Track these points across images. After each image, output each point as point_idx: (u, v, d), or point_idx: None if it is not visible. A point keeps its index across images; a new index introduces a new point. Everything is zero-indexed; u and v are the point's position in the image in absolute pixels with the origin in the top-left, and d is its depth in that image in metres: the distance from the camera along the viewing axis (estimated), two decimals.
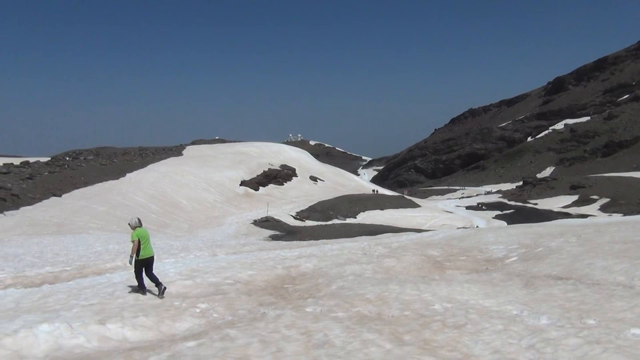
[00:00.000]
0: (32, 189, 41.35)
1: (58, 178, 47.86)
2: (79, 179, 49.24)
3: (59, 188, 43.70)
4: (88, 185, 47.60)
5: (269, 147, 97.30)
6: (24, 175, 45.60)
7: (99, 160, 63.65)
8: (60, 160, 60.46)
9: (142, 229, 10.55)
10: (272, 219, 49.37)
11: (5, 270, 14.78)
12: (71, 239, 25.65)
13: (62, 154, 68.83)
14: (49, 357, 6.79)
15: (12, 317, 8.23)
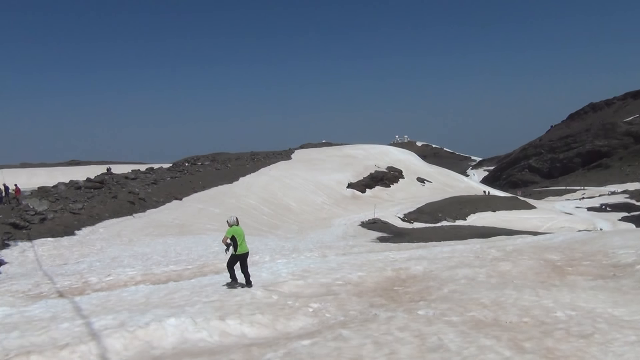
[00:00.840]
0: (157, 193, 44.62)
1: (179, 183, 51.24)
2: (197, 183, 52.35)
3: (180, 192, 46.77)
4: (205, 189, 50.48)
5: (375, 149, 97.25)
6: (149, 180, 49.34)
7: (214, 165, 67.29)
8: (181, 166, 64.71)
9: (238, 227, 11.53)
10: (379, 220, 49.27)
11: (136, 268, 16.08)
12: (191, 240, 27.32)
13: (182, 160, 73.68)
14: (176, 349, 7.28)
15: (143, 311, 8.95)
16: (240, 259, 11.27)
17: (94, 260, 20.71)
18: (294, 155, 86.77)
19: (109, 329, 7.90)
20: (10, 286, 14.20)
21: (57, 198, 35.93)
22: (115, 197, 38.83)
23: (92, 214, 33.51)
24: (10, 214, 31.41)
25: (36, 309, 10.06)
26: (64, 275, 15.87)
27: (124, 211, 36.57)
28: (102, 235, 29.09)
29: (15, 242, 25.17)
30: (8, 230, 27.10)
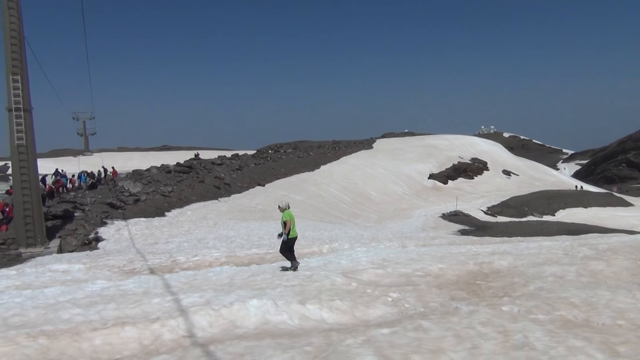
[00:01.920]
0: (241, 179, 46.02)
1: (262, 169, 52.55)
2: (280, 170, 53.45)
3: (263, 178, 47.97)
4: (287, 176, 51.45)
5: (459, 139, 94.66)
6: (234, 166, 50.95)
7: (296, 153, 68.36)
8: (264, 153, 66.28)
9: (290, 211, 11.90)
10: (461, 213, 48.08)
11: (220, 250, 16.71)
12: (273, 225, 27.95)
13: (266, 148, 75.41)
14: (258, 329, 7.51)
15: (228, 291, 9.29)
16: (292, 243, 11.69)
17: (182, 240, 21.75)
18: (375, 145, 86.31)
19: (195, 307, 8.28)
20: (107, 261, 15.22)
21: (149, 181, 37.98)
22: (202, 181, 40.49)
23: (180, 197, 35.14)
24: (108, 194, 33.64)
25: (130, 284, 10.73)
26: (155, 253, 16.78)
27: (210, 195, 38.06)
28: (189, 217, 30.47)
29: (112, 220, 26.93)
30: (106, 210, 29.04)
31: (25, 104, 20.75)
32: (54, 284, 11.67)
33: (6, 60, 20.32)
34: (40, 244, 21.10)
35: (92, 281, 11.50)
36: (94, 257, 16.56)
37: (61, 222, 25.25)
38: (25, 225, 21.00)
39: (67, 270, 13.62)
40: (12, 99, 20.49)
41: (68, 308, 8.69)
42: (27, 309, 8.80)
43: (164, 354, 6.53)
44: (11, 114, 20.64)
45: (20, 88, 20.47)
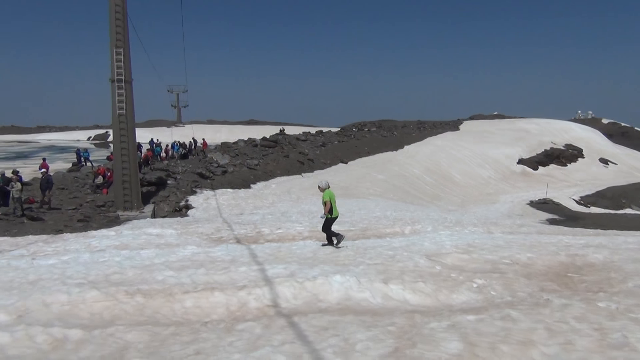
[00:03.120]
0: (324, 155, 46.37)
1: (345, 147, 52.63)
2: (363, 148, 53.29)
3: (346, 156, 48.06)
4: (370, 155, 51.22)
5: (552, 124, 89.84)
6: (318, 143, 51.38)
7: (380, 132, 67.83)
8: (348, 131, 66.28)
9: (330, 191, 12.00)
10: (550, 201, 45.80)
11: (303, 224, 16.97)
12: (354, 203, 28.03)
13: (350, 125, 75.40)
14: (340, 304, 7.58)
15: (311, 265, 9.44)
16: (333, 222, 11.82)
17: (266, 212, 22.32)
18: (462, 126, 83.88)
19: (280, 278, 8.48)
20: (196, 228, 15.92)
21: (236, 153, 39.17)
22: (287, 156, 41.21)
23: (266, 170, 35.99)
24: (198, 165, 35.08)
25: (218, 251, 11.17)
26: (241, 224, 17.34)
27: (293, 170, 38.70)
28: (273, 190, 31.17)
29: (201, 190, 28.09)
30: (195, 179, 30.32)
31: (127, 75, 21.91)
32: (149, 246, 12.39)
33: (111, 35, 21.52)
34: (136, 208, 22.42)
35: (183, 246, 12.10)
36: (185, 224, 17.38)
37: (155, 189, 26.68)
38: (123, 190, 22.37)
39: (161, 235, 14.40)
40: (114, 70, 21.71)
41: (162, 270, 9.19)
42: (126, 268, 9.41)
43: (250, 321, 6.76)
44: (113, 84, 21.90)
45: (122, 61, 21.63)
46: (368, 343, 5.52)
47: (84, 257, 10.60)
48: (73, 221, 18.71)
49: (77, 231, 16.45)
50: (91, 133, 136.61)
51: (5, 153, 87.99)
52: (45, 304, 7.23)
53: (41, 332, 6.14)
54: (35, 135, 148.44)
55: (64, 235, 15.11)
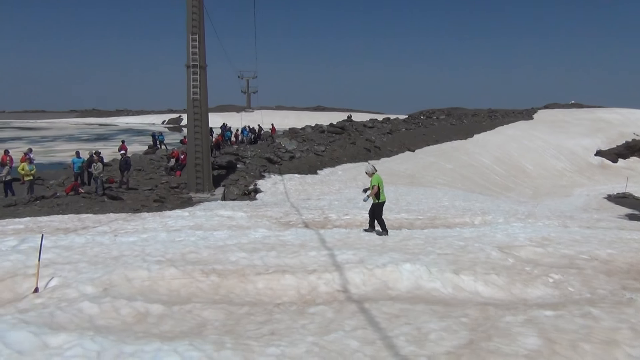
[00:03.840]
0: (391, 143, 45.94)
1: (413, 134, 51.91)
2: (430, 136, 52.36)
3: (413, 144, 47.40)
4: (438, 143, 50.25)
5: (636, 114, 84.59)
6: (385, 130, 50.96)
7: (449, 120, 66.36)
8: (416, 119, 65.33)
9: (378, 175, 11.89)
10: (630, 195, 43.25)
11: None
12: (421, 191, 27.67)
13: (417, 113, 74.23)
14: (410, 293, 7.53)
15: (381, 252, 9.42)
16: (382, 207, 11.82)
17: (332, 199, 22.44)
18: (536, 116, 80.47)
19: (349, 263, 8.53)
20: (265, 212, 16.24)
21: (304, 139, 39.51)
22: (353, 143, 41.15)
23: (332, 157, 36.12)
24: (266, 149, 35.68)
25: (288, 235, 11.36)
26: (308, 209, 17.53)
27: (360, 157, 38.61)
28: (340, 177, 31.26)
29: (269, 174, 28.60)
30: (264, 164, 30.88)
31: (201, 61, 22.52)
32: (222, 228, 12.78)
33: (187, 21, 22.14)
34: (208, 190, 23.13)
35: (254, 229, 12.39)
36: (254, 207, 17.77)
37: (225, 172, 27.40)
38: (196, 172, 23.12)
39: (232, 217, 14.81)
40: (190, 56, 22.36)
41: (235, 251, 9.46)
42: (201, 248, 9.76)
43: (321, 304, 6.85)
44: (189, 70, 22.56)
45: (197, 47, 22.23)
46: (441, 333, 5.47)
47: (162, 236, 11.07)
48: (149, 201, 19.55)
49: (153, 211, 17.20)
50: (165, 117, 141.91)
51: (87, 135, 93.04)
52: (128, 279, 7.62)
53: (125, 305, 6.48)
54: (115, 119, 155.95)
55: (141, 215, 15.84)
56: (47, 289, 7.30)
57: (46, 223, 13.87)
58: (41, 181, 23.10)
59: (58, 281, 7.55)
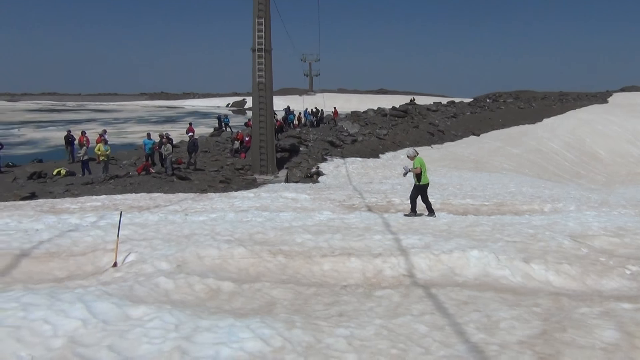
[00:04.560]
0: (455, 127, 44.97)
1: (478, 118, 50.55)
2: (497, 120, 50.82)
3: (478, 128, 46.20)
4: (504, 127, 48.72)
5: None
6: (449, 113, 49.88)
7: (517, 103, 64.05)
8: (481, 102, 63.51)
9: (421, 158, 12.22)
10: None
11: (434, 196, 16.67)
12: (486, 177, 26.99)
13: (483, 96, 72.10)
14: (478, 280, 7.41)
15: (447, 238, 9.30)
16: (424, 189, 12.11)
17: (395, 183, 22.29)
18: (611, 99, 76.37)
19: (415, 248, 8.48)
20: (328, 195, 16.36)
21: (366, 122, 39.32)
22: (416, 126, 40.59)
23: (394, 141, 35.80)
24: (328, 133, 35.79)
25: (353, 218, 11.42)
26: (371, 192, 17.51)
27: (423, 141, 38.07)
28: (402, 161, 30.92)
29: (331, 157, 28.71)
30: (326, 147, 31.01)
31: (267, 45, 22.79)
32: (287, 209, 12.99)
33: (254, 5, 22.40)
34: (271, 172, 23.54)
35: (319, 211, 12.52)
36: (317, 190, 17.94)
37: (288, 155, 27.76)
38: (260, 155, 23.56)
39: (296, 199, 15.01)
40: (256, 40, 22.65)
41: (300, 233, 9.62)
42: (267, 229, 9.97)
43: (387, 288, 6.87)
44: (254, 53, 22.90)
45: (263, 30, 22.49)
46: (513, 322, 5.36)
47: (230, 216, 11.40)
48: (216, 182, 20.13)
49: (220, 191, 17.71)
50: (230, 100, 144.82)
51: (155, 117, 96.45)
52: (199, 257, 7.92)
53: (198, 281, 6.75)
54: (182, 102, 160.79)
55: (209, 195, 16.34)
56: (125, 264, 7.71)
57: (121, 201, 14.57)
58: (114, 161, 24.22)
59: (135, 257, 7.95)
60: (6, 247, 8.39)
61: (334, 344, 4.84)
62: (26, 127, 69.73)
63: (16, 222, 10.56)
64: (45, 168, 21.55)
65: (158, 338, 4.74)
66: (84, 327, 4.92)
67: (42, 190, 17.10)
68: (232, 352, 4.52)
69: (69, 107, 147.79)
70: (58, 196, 16.03)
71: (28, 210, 12.87)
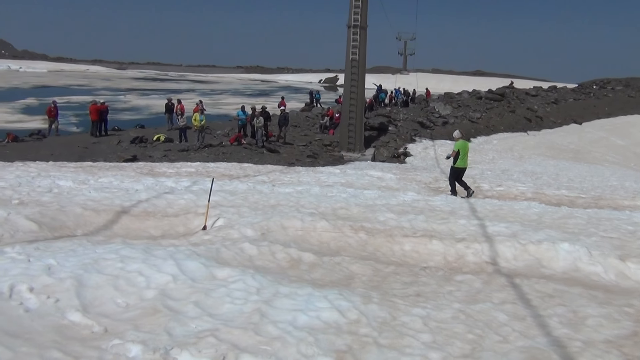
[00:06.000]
0: (555, 114, 42.63)
1: (581, 106, 47.56)
2: (602, 109, 47.58)
3: (580, 116, 43.52)
4: (610, 117, 45.59)
5: None
6: (550, 99, 47.29)
7: (627, 91, 59.39)
8: (587, 88, 59.53)
9: (464, 141, 12.80)
10: None
11: (526, 185, 16.04)
12: (585, 168, 25.47)
13: (590, 82, 67.49)
14: (566, 274, 7.08)
15: (536, 228, 8.92)
16: (459, 172, 12.64)
17: (485, 168, 21.60)
18: None
19: (501, 236, 8.22)
20: (414, 176, 16.17)
21: (459, 105, 38.20)
22: (513, 111, 38.88)
23: (488, 125, 34.57)
24: (419, 113, 35.16)
25: (437, 201, 11.23)
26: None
27: (518, 127, 36.48)
28: (494, 146, 29.90)
29: (420, 139, 28.25)
30: (415, 128, 30.54)
31: (363, 22, 22.62)
32: (372, 187, 13.01)
33: None
34: (358, 150, 23.58)
35: (404, 191, 12.43)
36: (403, 170, 17.78)
37: (376, 134, 27.62)
38: (349, 132, 23.63)
39: (382, 178, 14.98)
40: (352, 16, 22.54)
41: (383, 211, 9.61)
42: (351, 205, 10.06)
43: (468, 273, 6.74)
44: (349, 30, 22.82)
45: (360, 7, 22.32)
46: (601, 320, 5.10)
47: (315, 190, 11.60)
48: (303, 156, 20.49)
49: (307, 165, 18.01)
50: (322, 76, 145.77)
51: (250, 90, 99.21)
52: (283, 227, 8.16)
53: (281, 250, 6.97)
54: (276, 76, 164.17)
55: (296, 168, 16.68)
56: (213, 228, 8.11)
57: (213, 168, 15.24)
58: (209, 130, 25.28)
59: (223, 222, 8.34)
60: (110, 204, 9.09)
61: (409, 322, 4.85)
62: (131, 94, 74.24)
63: (119, 182, 11.39)
64: (147, 133, 22.92)
65: (240, 299, 4.98)
66: (174, 282, 5.27)
67: (142, 154, 18.23)
68: (309, 320, 4.66)
69: (170, 76, 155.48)
70: (157, 160, 17.04)
71: (130, 171, 13.81)
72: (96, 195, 9.78)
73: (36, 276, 4.94)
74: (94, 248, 6.06)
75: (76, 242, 6.44)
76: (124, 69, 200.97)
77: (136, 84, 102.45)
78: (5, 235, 7.00)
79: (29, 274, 4.97)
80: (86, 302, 4.70)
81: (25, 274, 4.97)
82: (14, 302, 4.47)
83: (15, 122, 36.01)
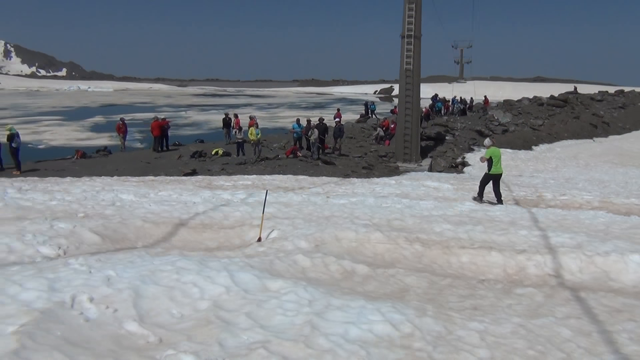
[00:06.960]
0: (623, 119, 40.65)
1: None
2: None
3: None
4: None
5: None
6: (617, 104, 45.15)
7: None
8: None
9: (495, 148, 12.96)
10: None
11: (592, 193, 15.29)
12: None
13: None
14: (636, 288, 6.66)
15: (603, 239, 8.46)
16: (492, 179, 12.76)
17: (547, 177, 20.81)
18: None
19: (565, 247, 7.84)
20: (473, 185, 15.72)
21: (519, 112, 37.05)
22: (577, 117, 37.37)
23: (550, 132, 33.37)
24: (477, 122, 34.38)
25: (497, 211, 10.89)
26: (519, 185, 16.53)
27: (584, 133, 35.02)
28: (557, 154, 28.79)
29: (479, 148, 27.53)
30: (474, 137, 29.85)
31: (417, 31, 22.42)
32: (428, 198, 12.77)
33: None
34: (415, 161, 23.27)
35: (461, 201, 12.13)
36: (461, 180, 17.37)
37: (433, 144, 27.19)
38: (404, 142, 23.38)
39: (438, 188, 14.69)
40: (405, 26, 22.39)
41: (440, 222, 9.39)
42: (406, 216, 9.90)
43: (529, 287, 6.46)
44: (403, 40, 22.67)
45: (413, 16, 22.15)
46: None
47: (369, 201, 11.50)
48: (359, 168, 20.42)
49: (362, 177, 17.92)
50: (377, 87, 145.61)
51: (306, 103, 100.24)
52: (337, 239, 8.10)
53: (334, 262, 6.92)
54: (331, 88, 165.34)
55: (351, 180, 16.63)
56: (268, 240, 8.16)
57: (269, 181, 15.42)
58: (266, 143, 25.66)
59: (277, 233, 8.38)
60: (169, 217, 9.35)
61: (466, 337, 4.68)
62: (192, 110, 76.56)
63: (177, 195, 11.70)
64: (206, 148, 23.52)
65: (292, 311, 4.96)
66: (227, 293, 5.32)
67: (201, 167, 18.70)
68: (361, 333, 4.58)
69: (229, 92, 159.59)
70: (215, 174, 17.42)
71: (189, 185, 14.18)
72: (156, 208, 10.08)
73: (96, 287, 5.11)
74: (151, 259, 6.22)
75: (135, 254, 6.64)
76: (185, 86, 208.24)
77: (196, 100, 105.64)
78: (71, 247, 7.30)
79: (89, 284, 5.15)
80: (143, 313, 4.81)
81: (86, 284, 5.15)
82: (75, 311, 4.63)
83: (84, 139, 37.81)
